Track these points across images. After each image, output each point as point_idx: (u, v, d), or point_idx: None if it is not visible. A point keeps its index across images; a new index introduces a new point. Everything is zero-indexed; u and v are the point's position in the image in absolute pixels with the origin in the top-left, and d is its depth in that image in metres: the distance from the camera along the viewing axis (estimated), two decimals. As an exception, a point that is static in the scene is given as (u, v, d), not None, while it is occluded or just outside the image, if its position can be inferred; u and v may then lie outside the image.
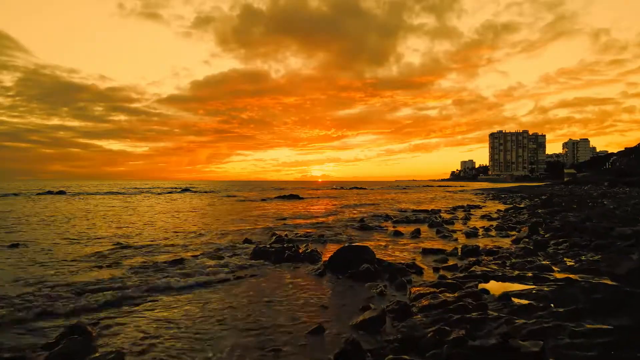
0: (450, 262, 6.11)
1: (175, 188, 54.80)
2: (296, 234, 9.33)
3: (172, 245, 7.82)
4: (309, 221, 12.93)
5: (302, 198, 30.23)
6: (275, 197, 30.94)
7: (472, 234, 9.33)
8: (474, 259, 6.38)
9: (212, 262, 6.05)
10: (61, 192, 36.30)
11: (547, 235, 8.42)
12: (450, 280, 4.59)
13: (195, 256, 6.58)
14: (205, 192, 46.04)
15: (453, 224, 11.83)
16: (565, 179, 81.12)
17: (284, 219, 13.50)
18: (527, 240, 7.70)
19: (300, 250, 6.95)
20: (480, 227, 10.62)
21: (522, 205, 18.43)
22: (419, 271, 5.57)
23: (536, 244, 7.01)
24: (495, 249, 6.98)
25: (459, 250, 7.03)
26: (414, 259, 6.48)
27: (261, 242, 8.23)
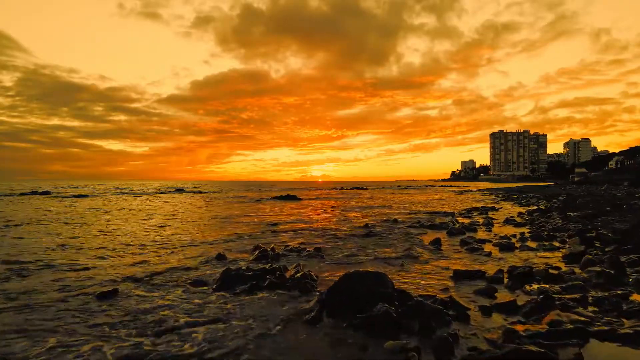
0: (503, 297, 4.23)
1: (168, 188, 52.95)
2: (286, 246, 7.42)
3: (117, 264, 5.92)
4: (304, 226, 11.05)
5: (300, 199, 28.33)
6: (271, 198, 29.04)
7: (506, 246, 7.44)
8: (531, 288, 4.51)
9: (152, 300, 4.15)
10: (46, 193, 34.42)
11: (609, 249, 6.54)
12: (532, 347, 2.68)
13: (138, 283, 4.70)
14: (200, 192, 44.19)
15: (476, 230, 9.95)
16: (576, 179, 78.49)
17: (276, 224, 11.60)
18: (590, 257, 5.80)
19: (288, 274, 5.07)
20: (511, 236, 8.76)
21: (543, 207, 16.54)
22: (462, 314, 3.68)
23: (613, 264, 5.10)
24: (554, 273, 5.08)
25: (505, 274, 5.15)
26: (447, 289, 4.60)
27: (238, 259, 6.34)
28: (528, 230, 9.68)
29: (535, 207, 16.79)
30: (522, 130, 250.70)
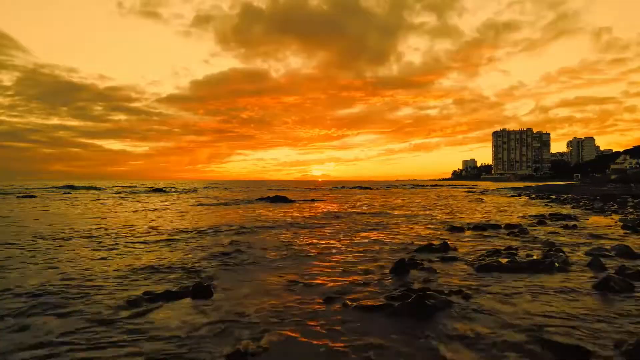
0: None
1: (151, 187, 47.81)
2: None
3: None
4: (276, 269, 5.79)
5: (292, 201, 23.00)
6: (257, 200, 23.78)
7: None
8: None
9: None
10: (-9, 193, 29.07)
11: None
12: None
13: None
14: (185, 191, 39.01)
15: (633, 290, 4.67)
16: (612, 177, 70.45)
17: (228, 254, 6.32)
18: None
19: None
20: None
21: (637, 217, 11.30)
22: None
23: None
24: None
25: None
26: None
27: None
28: None
29: (626, 216, 11.52)
30: (525, 129, 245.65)
